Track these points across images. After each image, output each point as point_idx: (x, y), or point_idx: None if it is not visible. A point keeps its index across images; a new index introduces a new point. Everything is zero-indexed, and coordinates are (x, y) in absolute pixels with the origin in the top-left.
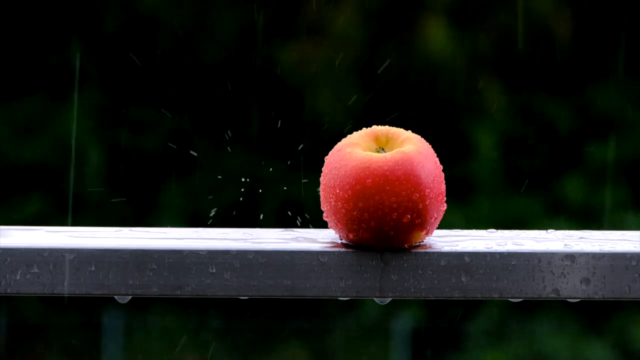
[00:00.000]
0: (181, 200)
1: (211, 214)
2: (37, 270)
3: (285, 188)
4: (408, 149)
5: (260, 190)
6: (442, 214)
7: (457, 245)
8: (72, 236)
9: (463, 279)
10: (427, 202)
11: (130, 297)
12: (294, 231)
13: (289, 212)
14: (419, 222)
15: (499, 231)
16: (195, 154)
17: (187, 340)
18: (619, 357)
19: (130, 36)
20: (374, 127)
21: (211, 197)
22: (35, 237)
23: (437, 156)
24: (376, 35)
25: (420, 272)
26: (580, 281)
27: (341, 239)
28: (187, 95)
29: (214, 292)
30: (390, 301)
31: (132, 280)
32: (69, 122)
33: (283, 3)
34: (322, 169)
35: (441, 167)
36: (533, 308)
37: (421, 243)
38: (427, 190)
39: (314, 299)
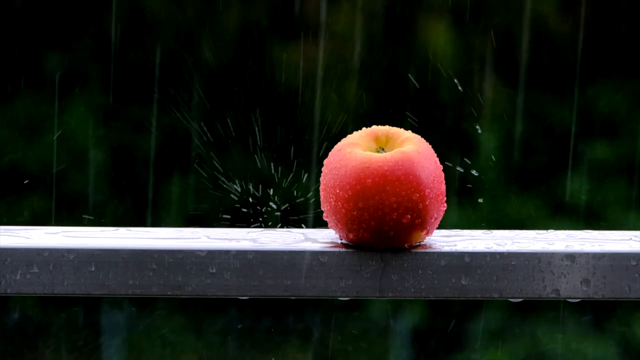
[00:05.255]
0: (181, 201)
1: (211, 214)
2: (37, 270)
3: (285, 188)
4: (408, 149)
5: (260, 191)
6: (442, 214)
7: (457, 245)
8: (72, 236)
9: (463, 279)
10: (427, 202)
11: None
12: (293, 231)
13: (289, 212)
14: (419, 222)
15: (499, 231)
16: (195, 154)
17: (188, 340)
18: (619, 357)
19: (131, 36)
20: (374, 127)
21: (211, 197)
22: (35, 237)
23: (437, 156)
24: (376, 35)
25: (420, 272)
26: (581, 281)
27: (341, 239)
28: (187, 95)
29: (214, 292)
30: (391, 301)
31: (132, 280)
32: (69, 121)
33: (283, 3)
34: (322, 169)
35: (441, 167)
36: (533, 308)
37: (421, 243)
38: (427, 190)
39: (314, 299)
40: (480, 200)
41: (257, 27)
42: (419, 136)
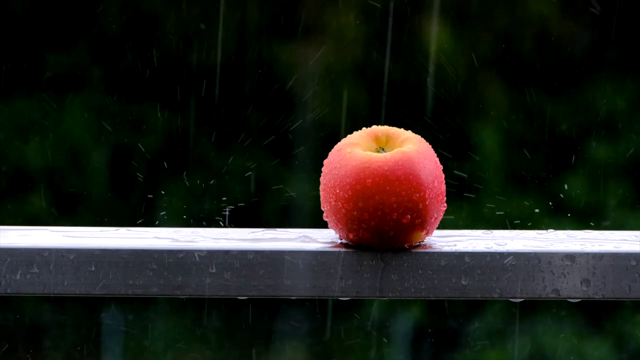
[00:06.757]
0: (181, 201)
1: (211, 214)
2: (37, 270)
3: (285, 188)
4: (408, 148)
5: (260, 191)
6: (442, 214)
7: (457, 245)
8: (72, 236)
9: (463, 279)
10: (427, 202)
11: None
12: (294, 231)
13: (289, 213)
14: (419, 222)
15: (499, 231)
16: (195, 154)
17: (187, 340)
18: (619, 357)
19: (132, 36)
20: (374, 127)
21: (211, 197)
22: (35, 237)
23: (437, 156)
24: (376, 35)
25: (420, 272)
26: (581, 281)
27: (341, 239)
28: (188, 95)
29: (214, 292)
30: (391, 301)
31: (132, 280)
32: (69, 121)
33: (282, 3)
34: (322, 169)
35: (441, 167)
36: (533, 308)
37: (421, 243)
38: (427, 190)
39: (314, 299)
40: (480, 200)
41: (256, 27)
42: (419, 136)
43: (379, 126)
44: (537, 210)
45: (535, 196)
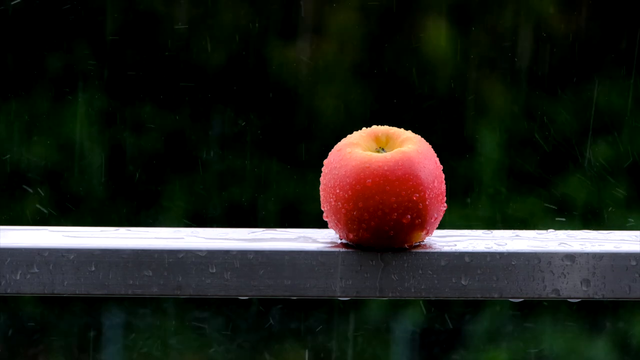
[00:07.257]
0: (181, 201)
1: (211, 214)
2: (37, 270)
3: (285, 188)
4: (408, 148)
5: (260, 191)
6: (442, 214)
7: (457, 245)
8: (72, 236)
9: (463, 279)
10: (427, 202)
11: None
12: (293, 231)
13: (289, 212)
14: (419, 222)
15: (499, 231)
16: (195, 154)
17: (187, 340)
18: (619, 357)
19: (131, 36)
20: (374, 127)
21: (211, 197)
22: (35, 237)
23: (438, 156)
24: (376, 35)
25: (420, 272)
26: (581, 281)
27: (341, 239)
28: (187, 95)
29: (214, 292)
30: (391, 301)
31: (132, 280)
32: (69, 122)
33: (282, 3)
34: (322, 169)
35: (441, 167)
36: (533, 308)
37: (421, 243)
38: (427, 190)
39: (314, 299)
40: (480, 200)
41: (256, 27)
42: (419, 136)
43: (379, 126)
44: (536, 210)
45: (535, 196)
